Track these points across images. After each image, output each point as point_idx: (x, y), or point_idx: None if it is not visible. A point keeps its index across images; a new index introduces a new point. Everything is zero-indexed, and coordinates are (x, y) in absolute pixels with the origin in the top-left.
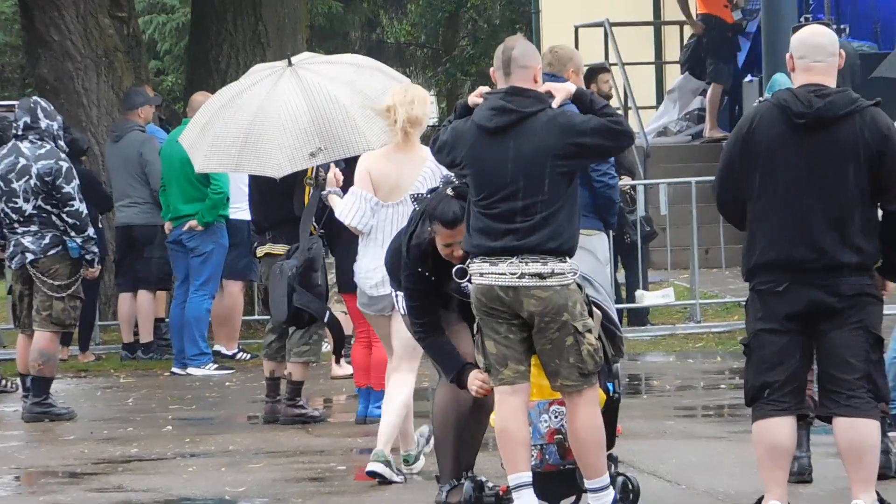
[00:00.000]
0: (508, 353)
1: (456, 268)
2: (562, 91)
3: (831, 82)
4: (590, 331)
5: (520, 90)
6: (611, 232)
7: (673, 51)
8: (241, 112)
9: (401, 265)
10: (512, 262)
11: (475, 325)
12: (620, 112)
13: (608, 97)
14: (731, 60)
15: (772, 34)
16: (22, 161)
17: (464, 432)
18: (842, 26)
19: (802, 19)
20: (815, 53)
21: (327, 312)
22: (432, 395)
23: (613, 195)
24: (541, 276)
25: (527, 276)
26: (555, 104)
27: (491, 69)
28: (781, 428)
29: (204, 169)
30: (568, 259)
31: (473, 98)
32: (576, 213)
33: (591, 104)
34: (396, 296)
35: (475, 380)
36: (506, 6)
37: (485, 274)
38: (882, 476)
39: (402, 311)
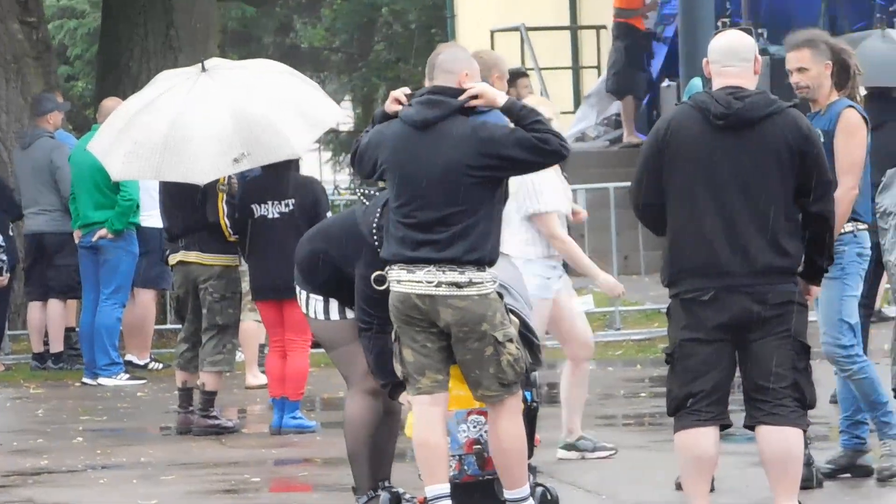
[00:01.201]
0: (426, 361)
1: (375, 274)
2: (488, 95)
3: (749, 86)
4: (510, 340)
5: (444, 88)
6: None
7: (590, 55)
8: (158, 118)
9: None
10: (429, 271)
11: (393, 333)
12: (556, 126)
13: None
14: (645, 69)
15: (689, 39)
16: None
17: (378, 442)
18: (759, 31)
19: (720, 24)
20: (731, 58)
21: None
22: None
23: None
24: (458, 285)
25: (444, 285)
26: (466, 94)
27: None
28: (705, 438)
29: (122, 176)
30: (487, 268)
31: (390, 104)
32: (496, 223)
33: (520, 117)
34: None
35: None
36: (422, 11)
37: (402, 281)
38: (804, 488)
39: (314, 315)
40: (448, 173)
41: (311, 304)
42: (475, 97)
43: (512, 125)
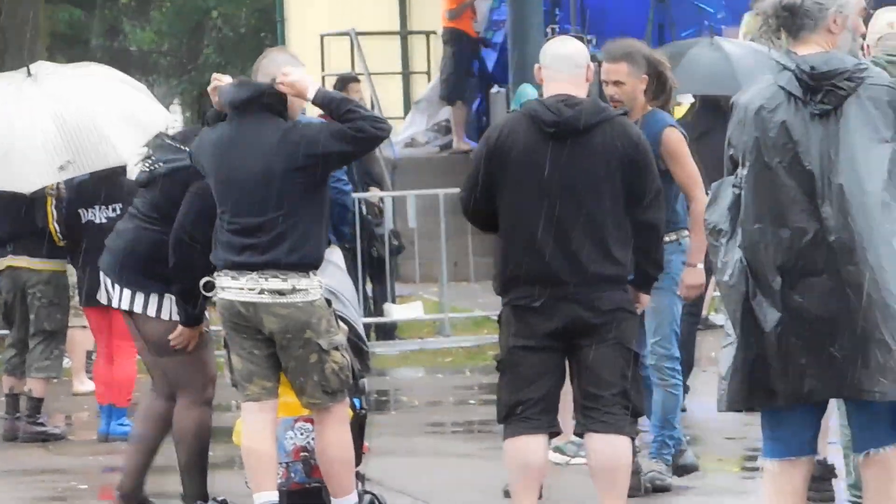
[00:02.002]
0: (254, 368)
1: (204, 281)
2: (298, 85)
3: (580, 93)
4: (336, 348)
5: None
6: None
7: (420, 61)
8: None
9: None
10: (251, 278)
11: (223, 340)
12: (373, 112)
13: None
14: (475, 75)
15: (518, 45)
16: None
17: (206, 452)
18: (588, 37)
19: (549, 30)
20: (563, 65)
21: None
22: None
23: (347, 202)
24: (280, 292)
25: (266, 293)
26: (279, 79)
27: None
28: (533, 446)
29: None
30: (312, 274)
31: (214, 81)
32: (320, 226)
33: (333, 109)
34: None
35: None
36: (251, 15)
37: (226, 288)
38: (631, 496)
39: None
40: (265, 178)
41: (156, 305)
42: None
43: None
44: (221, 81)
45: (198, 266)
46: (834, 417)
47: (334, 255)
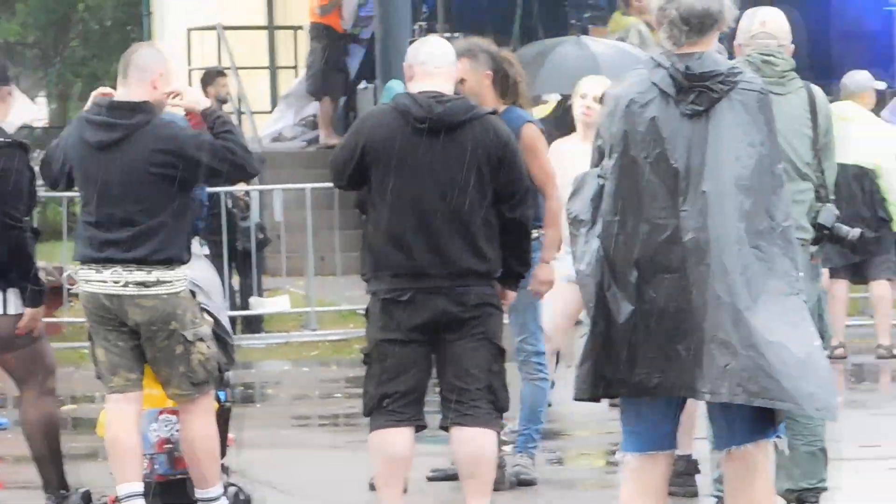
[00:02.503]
0: (119, 360)
1: (66, 274)
2: (188, 98)
3: (449, 90)
4: (201, 339)
5: (124, 104)
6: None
7: (287, 56)
8: None
9: None
10: (115, 270)
11: (87, 332)
12: (248, 145)
13: (224, 101)
14: (343, 70)
15: (386, 41)
16: None
17: (58, 441)
18: (455, 35)
19: (416, 27)
20: (432, 63)
21: None
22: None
23: (202, 196)
24: (145, 284)
25: (131, 285)
26: (167, 89)
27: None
28: (399, 439)
29: None
30: (177, 266)
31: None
32: (184, 222)
33: (214, 125)
34: None
35: None
36: (117, 7)
37: (90, 281)
38: (495, 489)
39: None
40: (129, 172)
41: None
42: (177, 94)
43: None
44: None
45: (29, 245)
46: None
47: (197, 247)
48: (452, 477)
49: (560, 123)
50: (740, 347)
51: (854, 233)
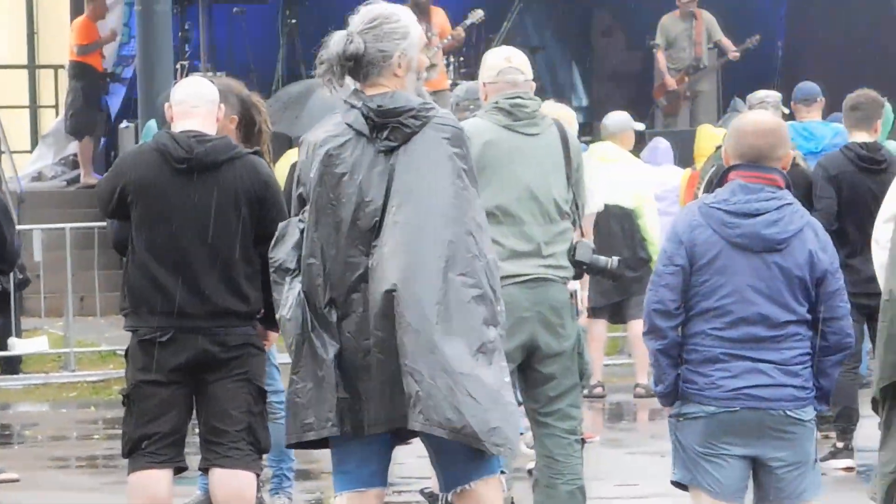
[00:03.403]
0: None
1: None
2: None
3: (211, 130)
4: None
5: None
6: None
7: (48, 95)
8: None
9: None
10: None
11: None
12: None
13: None
14: (103, 109)
15: (147, 80)
16: None
17: None
18: (218, 74)
19: (178, 66)
20: (193, 102)
21: None
22: None
23: None
24: None
25: None
26: None
27: None
28: (158, 480)
29: None
30: None
31: None
32: None
33: None
34: None
35: None
36: None
37: None
38: None
39: None
40: None
41: None
42: None
43: None
44: None
45: None
46: None
47: None
48: None
49: None
50: (428, 376)
51: (612, 261)
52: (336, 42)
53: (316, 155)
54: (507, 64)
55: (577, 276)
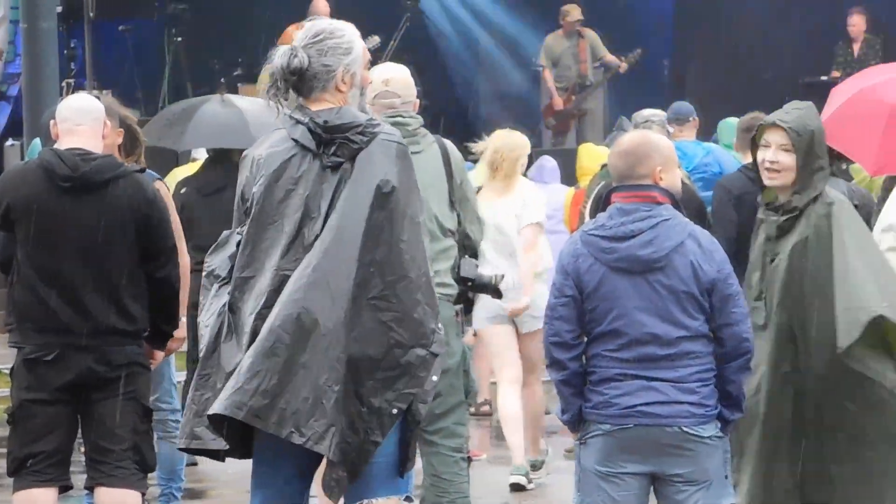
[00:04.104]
0: None
1: None
2: None
3: (97, 148)
4: None
5: None
6: None
7: None
8: None
9: None
10: None
11: None
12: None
13: None
14: None
15: (33, 98)
16: None
17: None
18: (104, 91)
19: (64, 84)
20: (79, 119)
21: None
22: None
23: None
24: None
25: None
26: None
27: None
28: (43, 499)
29: None
30: None
31: None
32: None
33: None
34: None
35: None
36: None
37: None
38: None
39: None
40: None
41: None
42: None
43: None
44: None
45: None
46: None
47: None
48: None
49: (205, 181)
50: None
51: (497, 277)
52: (280, 56)
53: (259, 170)
54: (383, 87)
55: (462, 295)
